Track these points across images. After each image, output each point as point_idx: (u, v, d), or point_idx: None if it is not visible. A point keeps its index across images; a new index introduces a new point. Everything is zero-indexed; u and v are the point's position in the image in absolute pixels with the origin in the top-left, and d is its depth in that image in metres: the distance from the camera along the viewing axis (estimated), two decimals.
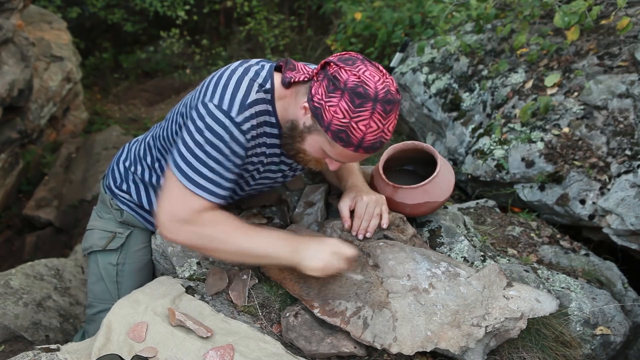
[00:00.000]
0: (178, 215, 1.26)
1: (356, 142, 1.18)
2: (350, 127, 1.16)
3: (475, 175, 2.42)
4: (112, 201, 1.64)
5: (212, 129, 1.22)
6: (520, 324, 1.26)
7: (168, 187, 1.28)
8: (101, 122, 6.01)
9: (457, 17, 3.37)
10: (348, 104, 1.14)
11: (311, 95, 1.20)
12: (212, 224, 1.27)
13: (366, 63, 1.18)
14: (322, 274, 1.28)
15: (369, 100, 1.14)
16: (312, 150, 1.29)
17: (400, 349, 1.21)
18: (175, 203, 1.26)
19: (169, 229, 1.28)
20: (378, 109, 1.14)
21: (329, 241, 1.31)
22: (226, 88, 1.24)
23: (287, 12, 7.21)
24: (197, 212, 1.25)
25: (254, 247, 1.28)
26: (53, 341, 2.17)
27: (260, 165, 1.40)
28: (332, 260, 1.27)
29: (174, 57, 7.36)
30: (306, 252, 1.27)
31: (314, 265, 1.26)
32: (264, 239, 1.30)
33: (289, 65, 1.29)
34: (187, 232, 1.27)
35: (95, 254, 1.65)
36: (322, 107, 1.17)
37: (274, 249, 1.29)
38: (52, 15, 5.82)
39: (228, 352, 1.20)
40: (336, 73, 1.16)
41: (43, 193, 4.56)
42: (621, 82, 2.19)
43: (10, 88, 3.90)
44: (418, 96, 3.10)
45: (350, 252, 1.29)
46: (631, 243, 1.94)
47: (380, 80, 1.16)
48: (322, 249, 1.28)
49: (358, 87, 1.14)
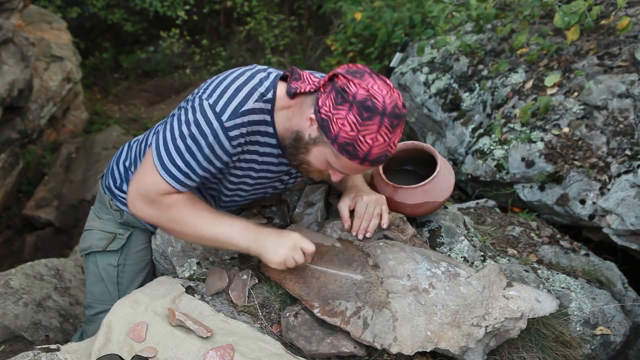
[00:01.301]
0: (144, 193, 1.32)
1: (362, 155, 1.19)
2: (358, 140, 1.17)
3: (475, 175, 2.42)
4: (112, 202, 1.64)
5: (199, 125, 1.24)
6: (520, 324, 1.26)
7: (144, 163, 1.34)
8: (101, 122, 6.01)
9: (457, 17, 3.37)
10: (356, 117, 1.15)
11: (318, 107, 1.21)
12: (174, 207, 1.32)
13: (374, 76, 1.19)
14: (281, 267, 1.33)
15: (377, 114, 1.15)
16: (317, 162, 1.30)
17: (400, 349, 1.21)
18: (145, 180, 1.32)
19: (133, 203, 1.35)
20: (385, 122, 1.16)
21: (290, 235, 1.33)
22: (225, 91, 1.25)
23: (287, 12, 7.21)
24: (162, 194, 1.31)
25: (213, 232, 1.32)
26: (53, 341, 2.17)
27: (253, 172, 1.41)
28: (291, 255, 1.30)
29: (174, 57, 7.36)
30: (266, 244, 1.31)
31: (273, 259, 1.31)
32: (225, 225, 1.33)
33: (294, 75, 1.30)
34: (148, 210, 1.34)
35: (94, 255, 1.65)
36: (330, 119, 1.18)
37: (233, 237, 1.32)
38: (52, 15, 5.82)
39: (228, 352, 1.20)
40: (345, 86, 1.17)
41: (43, 193, 4.56)
42: (621, 82, 2.19)
43: (10, 88, 3.90)
44: (418, 96, 3.10)
45: (310, 247, 1.32)
46: (631, 243, 1.94)
47: (388, 94, 1.17)
48: (282, 243, 1.31)
49: (367, 100, 1.14)
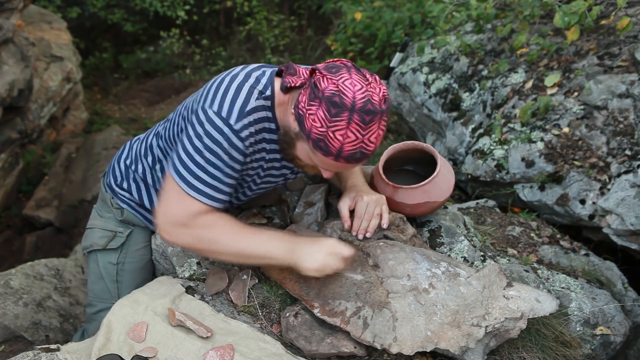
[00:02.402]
0: (176, 218, 1.28)
1: (335, 151, 1.17)
2: (328, 136, 1.15)
3: (475, 175, 2.42)
4: (113, 200, 1.64)
5: (211, 136, 1.23)
6: (520, 324, 1.26)
7: (167, 190, 1.30)
8: (101, 122, 6.01)
9: (457, 17, 3.37)
10: (325, 113, 1.13)
11: (297, 102, 1.21)
12: (209, 227, 1.28)
13: (352, 71, 1.16)
14: (319, 274, 1.29)
15: (345, 110, 1.12)
16: (302, 156, 1.30)
17: (400, 349, 1.21)
18: (173, 206, 1.28)
19: (167, 231, 1.30)
20: (355, 119, 1.12)
21: (326, 241, 1.31)
22: (226, 95, 1.25)
23: (287, 12, 7.21)
24: (194, 215, 1.27)
25: (251, 248, 1.30)
26: (53, 341, 2.17)
27: (261, 170, 1.41)
28: (329, 261, 1.27)
29: (174, 57, 7.36)
30: (303, 252, 1.28)
31: (311, 266, 1.27)
32: (261, 240, 1.31)
33: (289, 70, 1.29)
34: (185, 235, 1.29)
35: (95, 253, 1.65)
36: (304, 114, 1.17)
37: (271, 250, 1.30)
38: (52, 15, 5.82)
39: (228, 352, 1.20)
40: (317, 81, 1.16)
41: (43, 193, 4.56)
42: (621, 82, 2.19)
43: (10, 88, 3.90)
44: (418, 96, 3.10)
45: (348, 251, 1.29)
46: (631, 243, 1.94)
47: (361, 89, 1.13)
48: (319, 250, 1.28)
49: (334, 96, 1.12)
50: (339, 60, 1.22)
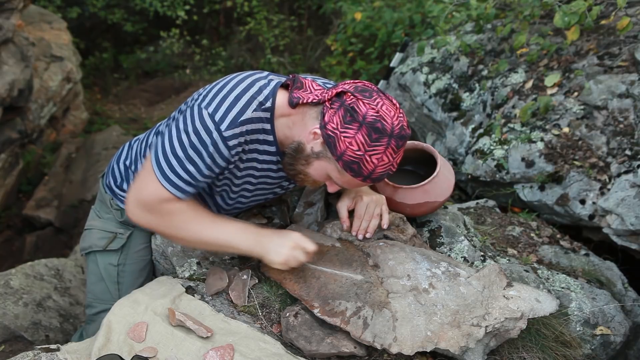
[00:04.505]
0: (143, 200, 1.32)
1: (366, 173, 1.21)
2: (364, 159, 1.18)
3: (475, 175, 2.42)
4: (113, 201, 1.63)
5: (199, 134, 1.24)
6: (520, 324, 1.26)
7: (143, 171, 1.34)
8: (101, 122, 6.01)
9: (457, 17, 3.37)
10: (365, 138, 1.16)
11: (324, 123, 1.21)
12: (173, 214, 1.32)
13: (382, 96, 1.20)
14: (284, 268, 1.34)
15: (386, 135, 1.16)
16: (316, 174, 1.31)
17: (400, 349, 1.21)
18: (144, 188, 1.31)
19: (132, 210, 1.35)
20: (392, 144, 1.18)
21: (290, 235, 1.34)
22: (224, 100, 1.25)
23: (287, 12, 7.21)
24: (161, 201, 1.30)
25: (214, 236, 1.33)
26: (53, 341, 2.17)
27: (252, 178, 1.41)
28: (293, 254, 1.31)
29: (174, 57, 7.36)
30: (268, 245, 1.32)
31: (276, 259, 1.32)
32: (225, 229, 1.34)
33: (296, 83, 1.30)
34: (147, 218, 1.34)
35: (94, 254, 1.65)
36: (337, 137, 1.19)
37: (234, 240, 1.33)
38: (52, 15, 5.82)
39: (228, 352, 1.20)
40: (354, 105, 1.17)
41: (43, 193, 4.56)
42: (621, 82, 2.19)
43: (10, 88, 3.90)
44: (418, 96, 3.10)
45: (311, 246, 1.33)
46: (631, 243, 1.94)
47: (395, 115, 1.18)
48: (284, 243, 1.32)
49: (377, 122, 1.16)
50: (362, 83, 1.23)
